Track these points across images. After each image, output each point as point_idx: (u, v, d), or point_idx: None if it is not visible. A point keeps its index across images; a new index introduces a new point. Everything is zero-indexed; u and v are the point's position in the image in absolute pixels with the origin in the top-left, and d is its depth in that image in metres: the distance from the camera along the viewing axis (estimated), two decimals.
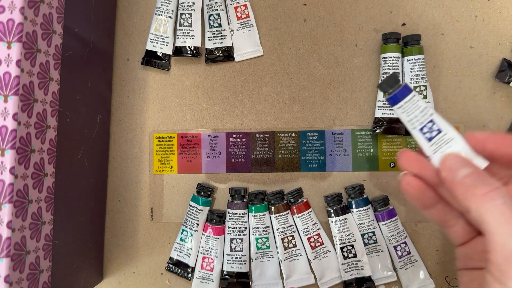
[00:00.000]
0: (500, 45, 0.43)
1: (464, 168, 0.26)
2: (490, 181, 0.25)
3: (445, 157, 0.27)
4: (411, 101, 0.27)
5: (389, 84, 0.27)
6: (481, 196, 0.24)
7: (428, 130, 0.27)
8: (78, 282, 0.39)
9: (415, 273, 0.41)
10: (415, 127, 0.27)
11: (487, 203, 0.24)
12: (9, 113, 0.29)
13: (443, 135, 0.27)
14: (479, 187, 0.25)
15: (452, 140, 0.27)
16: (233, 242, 0.43)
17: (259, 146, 0.45)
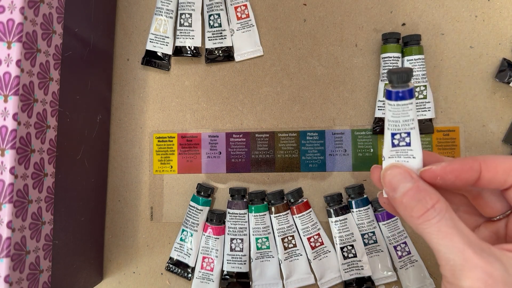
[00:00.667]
0: (500, 45, 0.43)
1: (402, 184, 0.26)
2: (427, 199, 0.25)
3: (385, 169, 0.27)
4: (405, 106, 0.26)
5: (400, 78, 0.26)
6: (417, 218, 0.25)
7: (399, 139, 0.26)
8: (78, 282, 0.39)
9: (415, 273, 0.41)
10: (390, 129, 0.27)
11: (423, 224, 0.24)
12: (9, 113, 0.29)
13: (408, 149, 0.26)
14: (415, 209, 0.25)
15: (412, 158, 0.26)
16: (233, 242, 0.43)
17: (259, 146, 0.45)
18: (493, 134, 0.42)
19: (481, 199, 0.28)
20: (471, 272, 0.22)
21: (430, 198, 0.25)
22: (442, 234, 0.24)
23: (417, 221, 0.25)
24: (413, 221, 0.25)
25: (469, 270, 0.23)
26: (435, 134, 0.43)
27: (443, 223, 0.24)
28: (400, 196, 0.25)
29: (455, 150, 0.43)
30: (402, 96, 0.26)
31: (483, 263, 0.22)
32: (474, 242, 0.23)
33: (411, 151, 0.26)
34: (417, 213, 0.25)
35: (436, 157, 0.28)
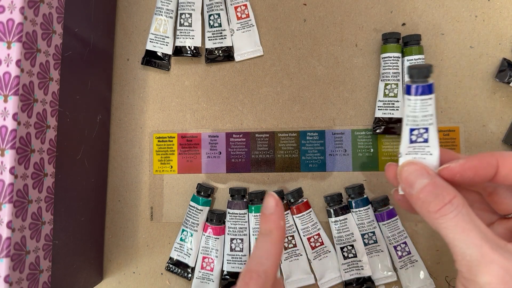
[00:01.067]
0: (500, 45, 0.43)
1: (420, 180, 0.26)
2: (444, 194, 0.25)
3: (401, 166, 0.27)
4: (424, 101, 0.26)
5: (421, 73, 0.26)
6: (434, 213, 0.25)
7: (417, 134, 0.27)
8: (78, 282, 0.39)
9: (415, 273, 0.41)
10: (408, 124, 0.27)
11: (440, 219, 0.25)
12: (9, 113, 0.29)
13: (425, 146, 0.27)
14: (432, 204, 0.25)
15: (429, 155, 0.27)
16: (233, 242, 0.43)
17: (259, 146, 0.45)
18: (493, 134, 0.42)
19: (496, 196, 0.28)
20: (488, 268, 0.23)
21: (447, 193, 0.25)
22: (459, 229, 0.24)
23: (434, 215, 0.25)
24: (430, 216, 0.25)
25: (486, 265, 0.23)
26: None
27: (460, 218, 0.24)
28: (417, 192, 0.26)
29: (455, 150, 0.43)
30: (422, 91, 0.26)
31: (501, 258, 0.23)
32: (491, 238, 0.24)
33: (428, 148, 0.27)
34: (434, 208, 0.25)
35: (451, 154, 0.28)
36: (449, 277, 0.42)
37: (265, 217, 0.30)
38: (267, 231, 0.30)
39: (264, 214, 0.30)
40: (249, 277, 0.28)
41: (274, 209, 0.30)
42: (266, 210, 0.30)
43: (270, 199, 0.30)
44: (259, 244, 0.30)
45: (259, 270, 0.28)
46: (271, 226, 0.29)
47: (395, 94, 0.42)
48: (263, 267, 0.28)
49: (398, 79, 0.42)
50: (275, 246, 0.29)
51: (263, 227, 0.30)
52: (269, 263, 0.29)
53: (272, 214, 0.30)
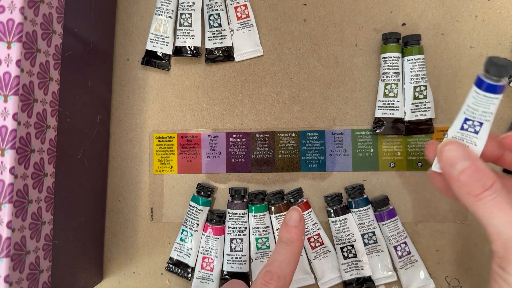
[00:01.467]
0: (500, 45, 0.43)
1: (461, 162, 0.27)
2: (485, 178, 0.26)
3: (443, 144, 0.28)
4: (490, 99, 0.26)
5: (498, 72, 0.25)
6: (474, 197, 0.26)
7: (471, 125, 0.27)
8: (78, 282, 0.39)
9: (415, 273, 0.41)
10: (466, 113, 0.27)
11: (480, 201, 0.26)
12: (9, 113, 0.29)
13: (474, 136, 0.27)
14: (473, 188, 0.26)
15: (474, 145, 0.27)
16: (233, 242, 0.43)
17: (259, 146, 0.45)
18: None
19: None
20: None
21: (488, 178, 0.26)
22: (496, 209, 0.25)
23: (474, 198, 0.26)
24: (469, 199, 0.26)
25: None
26: (435, 134, 0.43)
27: (498, 200, 0.25)
28: (458, 173, 0.27)
29: None
30: (493, 90, 0.25)
31: None
32: None
33: (475, 139, 0.27)
34: (475, 191, 0.26)
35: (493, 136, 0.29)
36: (449, 277, 0.42)
37: (288, 228, 0.32)
38: (290, 241, 0.31)
39: (288, 225, 0.32)
40: (270, 278, 0.29)
41: (298, 223, 0.32)
42: (290, 222, 0.32)
43: (295, 212, 0.32)
44: (281, 250, 0.31)
45: (280, 273, 0.29)
46: (294, 237, 0.31)
47: (395, 94, 0.42)
48: (284, 272, 0.30)
49: (398, 79, 0.42)
50: (295, 256, 0.31)
51: (286, 236, 0.31)
52: (289, 270, 0.30)
53: (296, 227, 0.31)
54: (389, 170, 0.43)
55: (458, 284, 0.42)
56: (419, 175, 0.43)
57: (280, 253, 0.31)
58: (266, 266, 0.30)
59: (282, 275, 0.29)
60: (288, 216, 0.32)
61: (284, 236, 0.32)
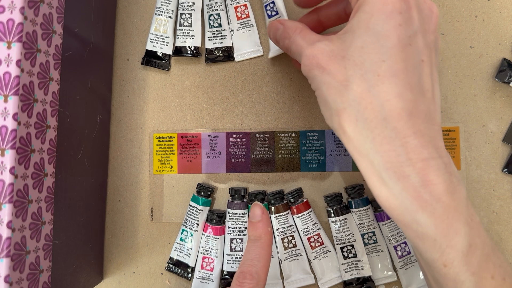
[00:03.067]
0: (500, 45, 0.43)
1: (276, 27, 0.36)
2: (292, 27, 0.34)
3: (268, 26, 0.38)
4: None
5: None
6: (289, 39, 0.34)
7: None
8: (78, 282, 0.39)
9: (415, 273, 0.41)
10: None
11: (289, 39, 0.34)
12: (9, 113, 0.29)
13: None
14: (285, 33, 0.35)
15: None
16: (233, 242, 0.43)
17: (259, 146, 0.45)
18: (493, 134, 0.42)
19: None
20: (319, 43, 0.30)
21: (293, 30, 0.33)
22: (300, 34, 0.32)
23: (287, 41, 0.33)
24: (285, 43, 0.34)
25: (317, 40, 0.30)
26: None
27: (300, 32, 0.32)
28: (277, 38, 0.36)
29: (455, 150, 0.43)
30: None
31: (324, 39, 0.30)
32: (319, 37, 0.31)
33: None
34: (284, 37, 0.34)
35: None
36: None
37: (253, 225, 0.33)
38: (256, 237, 0.33)
39: (252, 222, 0.33)
40: (243, 277, 0.30)
41: (261, 217, 0.33)
42: (254, 218, 0.34)
43: (256, 208, 0.34)
44: (249, 248, 0.33)
45: (251, 271, 0.30)
46: (260, 232, 0.33)
47: None
48: (255, 268, 0.31)
49: None
50: (264, 250, 0.32)
51: (252, 234, 0.33)
52: (261, 265, 0.31)
53: (260, 221, 0.33)
54: None
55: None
56: None
57: (249, 252, 0.32)
58: (239, 268, 0.32)
59: (254, 271, 0.31)
60: (251, 214, 0.34)
61: (251, 234, 0.33)
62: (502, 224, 0.42)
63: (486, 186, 0.42)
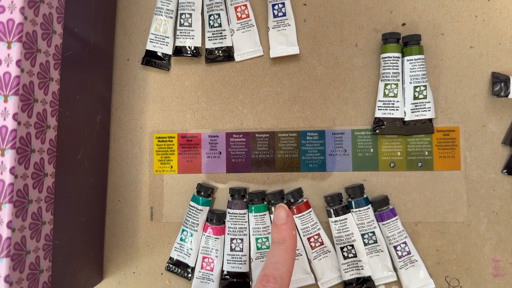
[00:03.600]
0: (500, 45, 0.43)
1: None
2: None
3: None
4: None
5: None
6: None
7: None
8: (78, 282, 0.39)
9: (415, 273, 0.41)
10: None
11: None
12: (9, 113, 0.29)
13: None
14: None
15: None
16: (233, 242, 0.43)
17: (259, 146, 0.45)
18: (493, 134, 0.42)
19: None
20: None
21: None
22: None
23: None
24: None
25: None
26: (435, 134, 0.43)
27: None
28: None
29: (455, 150, 0.43)
30: None
31: None
32: None
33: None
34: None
35: None
36: (449, 277, 0.42)
37: (277, 227, 0.32)
38: (281, 240, 0.32)
39: (276, 224, 0.32)
40: (267, 280, 0.29)
41: (286, 220, 0.32)
42: (278, 221, 0.32)
43: (281, 210, 0.33)
44: (273, 251, 0.31)
45: (275, 274, 0.29)
46: (284, 235, 0.32)
47: (395, 94, 0.42)
48: (279, 272, 0.30)
49: (398, 79, 0.42)
50: (289, 253, 0.31)
51: (277, 236, 0.32)
52: (285, 269, 0.30)
53: (285, 224, 0.32)
54: (389, 170, 0.44)
55: (458, 284, 0.42)
56: (419, 175, 0.43)
57: (273, 255, 0.31)
58: (262, 270, 0.31)
59: (278, 275, 0.30)
60: (276, 216, 0.33)
61: (275, 236, 0.32)
62: (502, 224, 0.42)
63: (486, 186, 0.42)
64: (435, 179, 0.43)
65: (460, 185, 0.43)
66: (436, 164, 0.43)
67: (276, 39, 0.44)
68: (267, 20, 0.45)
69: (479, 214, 0.42)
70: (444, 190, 0.43)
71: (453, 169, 0.43)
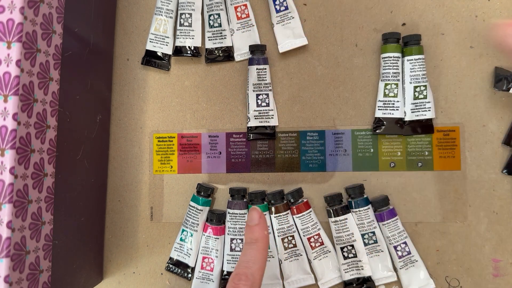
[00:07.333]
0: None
1: None
2: None
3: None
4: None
5: None
6: None
7: None
8: (78, 282, 0.39)
9: (415, 273, 0.41)
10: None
11: None
12: (9, 113, 0.29)
13: None
14: None
15: None
16: (233, 242, 0.43)
17: (259, 146, 0.45)
18: (493, 134, 0.42)
19: None
20: None
21: None
22: None
23: None
24: None
25: None
26: (435, 134, 0.43)
27: None
28: None
29: (455, 150, 0.43)
30: None
31: None
32: None
33: None
34: None
35: None
36: (449, 277, 0.42)
37: (250, 228, 0.34)
38: (253, 240, 0.33)
39: (249, 225, 0.34)
40: (238, 279, 0.30)
41: (258, 221, 0.34)
42: (251, 222, 0.34)
43: (253, 212, 0.34)
44: (245, 251, 0.33)
45: (247, 272, 0.31)
46: (257, 235, 0.33)
47: (395, 94, 0.42)
48: (250, 270, 0.31)
49: (398, 79, 0.42)
50: (261, 252, 0.33)
51: (249, 237, 0.34)
52: (256, 267, 0.31)
53: (257, 225, 0.34)
54: (389, 170, 0.43)
55: (458, 284, 0.42)
56: (419, 175, 0.43)
57: (245, 254, 0.33)
58: (235, 270, 0.32)
59: (250, 273, 0.31)
60: (249, 217, 0.34)
61: (248, 237, 0.34)
62: (502, 224, 0.42)
63: (486, 186, 0.42)
64: (435, 179, 0.43)
65: (460, 185, 0.43)
66: (436, 164, 0.43)
67: (282, 33, 0.44)
68: (270, 17, 0.45)
69: (479, 214, 0.42)
70: (444, 190, 0.43)
71: (453, 169, 0.43)
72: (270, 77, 0.44)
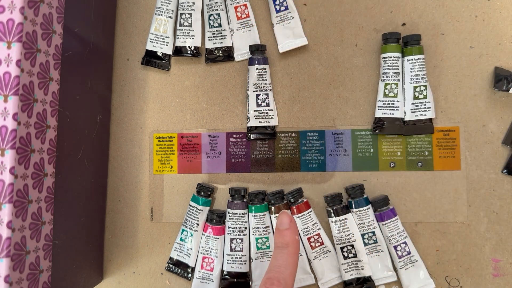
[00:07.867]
0: (500, 45, 0.43)
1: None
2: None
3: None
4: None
5: None
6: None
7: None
8: (78, 282, 0.39)
9: (415, 273, 0.41)
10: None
11: None
12: (9, 113, 0.29)
13: None
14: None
15: None
16: (233, 242, 0.43)
17: (259, 146, 0.45)
18: (493, 134, 0.42)
19: None
20: None
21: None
22: None
23: None
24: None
25: None
26: (435, 134, 0.43)
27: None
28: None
29: (455, 150, 0.43)
30: None
31: None
32: None
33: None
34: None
35: None
36: (449, 277, 0.42)
37: (281, 232, 0.34)
38: (284, 244, 0.33)
39: (279, 229, 0.34)
40: (271, 283, 0.30)
41: (289, 225, 0.34)
42: (282, 226, 0.34)
43: (284, 216, 0.34)
44: (277, 255, 0.33)
45: (279, 277, 0.30)
46: (287, 240, 0.33)
47: (395, 94, 0.42)
48: (282, 275, 0.31)
49: (398, 79, 0.42)
50: (292, 257, 0.32)
51: (280, 241, 0.33)
52: (288, 272, 0.31)
53: (287, 229, 0.33)
54: (389, 170, 0.43)
55: (458, 284, 0.42)
56: (419, 175, 0.43)
57: (277, 259, 0.32)
58: (266, 274, 0.32)
59: (282, 278, 0.31)
60: (279, 221, 0.34)
61: (278, 241, 0.33)
62: (502, 224, 0.42)
63: (486, 186, 0.42)
64: (435, 179, 0.43)
65: (460, 185, 0.43)
66: (436, 164, 0.43)
67: (282, 33, 0.44)
68: (270, 17, 0.45)
69: (479, 214, 0.42)
70: (444, 190, 0.43)
71: (453, 169, 0.43)
72: (270, 77, 0.44)
